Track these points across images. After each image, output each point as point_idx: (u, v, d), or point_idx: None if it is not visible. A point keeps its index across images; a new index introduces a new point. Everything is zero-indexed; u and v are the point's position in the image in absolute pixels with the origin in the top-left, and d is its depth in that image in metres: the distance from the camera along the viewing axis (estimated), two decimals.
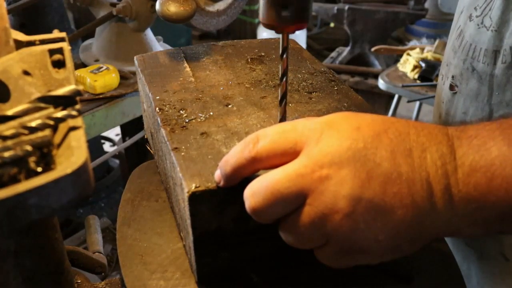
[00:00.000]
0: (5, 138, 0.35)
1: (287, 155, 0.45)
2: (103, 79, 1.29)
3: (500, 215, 0.43)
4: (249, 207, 0.46)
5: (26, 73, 0.43)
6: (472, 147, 0.43)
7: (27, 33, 0.50)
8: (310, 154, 0.44)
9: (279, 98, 0.58)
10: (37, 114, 0.38)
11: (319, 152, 0.44)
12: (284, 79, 0.56)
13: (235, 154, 0.48)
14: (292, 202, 0.44)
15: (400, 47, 2.65)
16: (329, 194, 0.43)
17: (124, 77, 1.37)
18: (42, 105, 0.38)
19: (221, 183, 0.49)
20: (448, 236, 0.48)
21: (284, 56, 0.55)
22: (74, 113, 0.38)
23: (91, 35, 1.51)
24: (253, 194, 0.46)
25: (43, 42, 0.48)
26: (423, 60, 2.26)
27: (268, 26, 0.54)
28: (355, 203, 0.42)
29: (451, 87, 0.73)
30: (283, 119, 0.59)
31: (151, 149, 0.80)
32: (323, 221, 0.43)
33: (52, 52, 0.46)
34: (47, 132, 0.36)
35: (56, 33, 0.50)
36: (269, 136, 0.46)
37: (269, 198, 0.44)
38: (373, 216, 0.43)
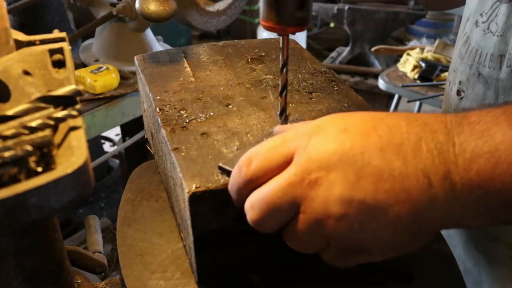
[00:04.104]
0: (5, 138, 0.35)
1: (281, 169, 0.46)
2: (103, 79, 1.29)
3: (505, 204, 0.42)
4: (249, 220, 0.47)
5: (26, 73, 0.43)
6: (474, 133, 0.42)
7: (27, 33, 0.50)
8: (298, 162, 0.44)
9: (280, 89, 0.58)
10: (37, 114, 0.38)
11: (307, 159, 0.44)
12: (284, 69, 0.56)
13: (232, 180, 0.49)
14: (287, 211, 0.45)
15: (400, 47, 2.65)
16: (319, 199, 0.43)
17: (124, 77, 1.37)
18: (42, 105, 0.38)
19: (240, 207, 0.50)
20: (453, 228, 0.47)
21: (285, 70, 0.55)
22: (74, 113, 0.38)
23: (91, 35, 1.51)
24: (252, 207, 0.46)
25: (43, 42, 0.48)
26: (423, 60, 2.26)
27: (268, 28, 0.54)
28: (347, 205, 0.42)
29: (458, 93, 0.73)
30: (283, 111, 0.59)
31: (151, 149, 0.80)
32: (318, 226, 0.43)
33: (52, 52, 0.46)
34: (47, 132, 0.36)
35: (56, 33, 0.50)
36: (261, 155, 0.47)
37: (265, 209, 0.45)
38: (367, 216, 0.42)
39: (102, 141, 2.66)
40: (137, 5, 0.82)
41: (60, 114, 0.38)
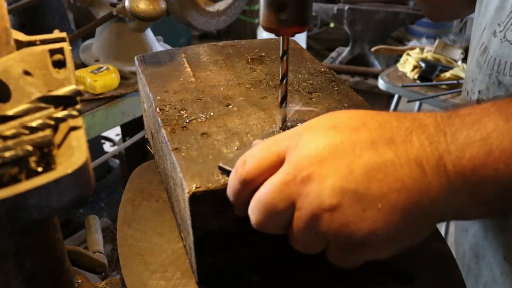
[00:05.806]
0: (5, 138, 0.35)
1: (275, 168, 0.46)
2: (103, 79, 1.29)
3: (501, 192, 0.42)
4: (253, 224, 0.47)
5: (26, 73, 0.43)
6: (465, 124, 0.43)
7: (28, 33, 0.50)
8: (290, 160, 0.45)
9: (280, 77, 0.58)
10: (37, 114, 0.38)
11: (298, 156, 0.44)
12: (285, 57, 0.56)
13: (229, 182, 0.49)
14: (285, 211, 0.45)
15: (400, 47, 2.65)
16: (313, 194, 0.43)
17: (124, 77, 1.37)
18: (43, 105, 0.38)
19: (241, 215, 0.50)
20: (452, 219, 0.47)
21: (285, 58, 0.56)
22: (74, 113, 0.38)
23: (91, 35, 1.51)
24: (252, 210, 0.46)
25: (43, 42, 0.48)
26: (423, 60, 2.26)
27: (268, 29, 0.54)
28: (340, 197, 0.42)
29: (478, 102, 0.73)
30: (283, 99, 0.59)
31: (151, 149, 0.80)
32: (315, 222, 0.43)
33: (52, 52, 0.46)
34: (47, 132, 0.36)
35: (56, 33, 0.50)
36: (254, 155, 0.47)
37: (264, 211, 0.45)
38: (361, 206, 0.42)
39: (102, 141, 2.66)
40: (127, 3, 0.82)
41: (61, 114, 0.38)
